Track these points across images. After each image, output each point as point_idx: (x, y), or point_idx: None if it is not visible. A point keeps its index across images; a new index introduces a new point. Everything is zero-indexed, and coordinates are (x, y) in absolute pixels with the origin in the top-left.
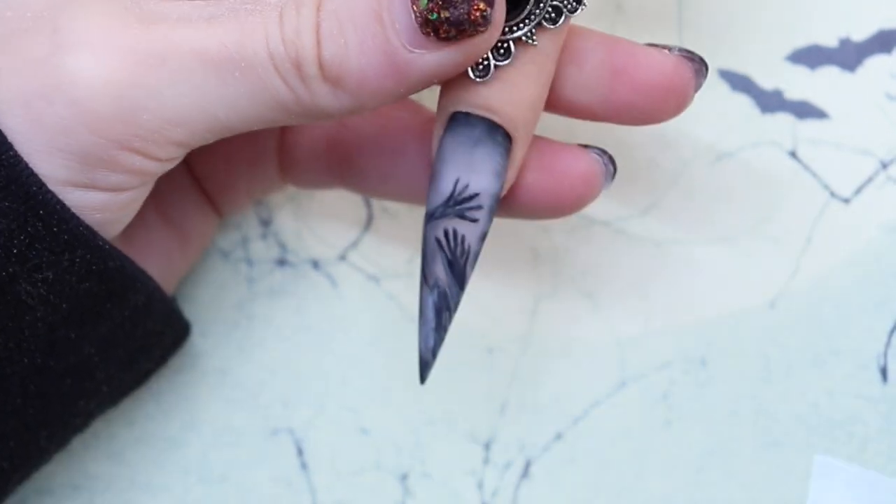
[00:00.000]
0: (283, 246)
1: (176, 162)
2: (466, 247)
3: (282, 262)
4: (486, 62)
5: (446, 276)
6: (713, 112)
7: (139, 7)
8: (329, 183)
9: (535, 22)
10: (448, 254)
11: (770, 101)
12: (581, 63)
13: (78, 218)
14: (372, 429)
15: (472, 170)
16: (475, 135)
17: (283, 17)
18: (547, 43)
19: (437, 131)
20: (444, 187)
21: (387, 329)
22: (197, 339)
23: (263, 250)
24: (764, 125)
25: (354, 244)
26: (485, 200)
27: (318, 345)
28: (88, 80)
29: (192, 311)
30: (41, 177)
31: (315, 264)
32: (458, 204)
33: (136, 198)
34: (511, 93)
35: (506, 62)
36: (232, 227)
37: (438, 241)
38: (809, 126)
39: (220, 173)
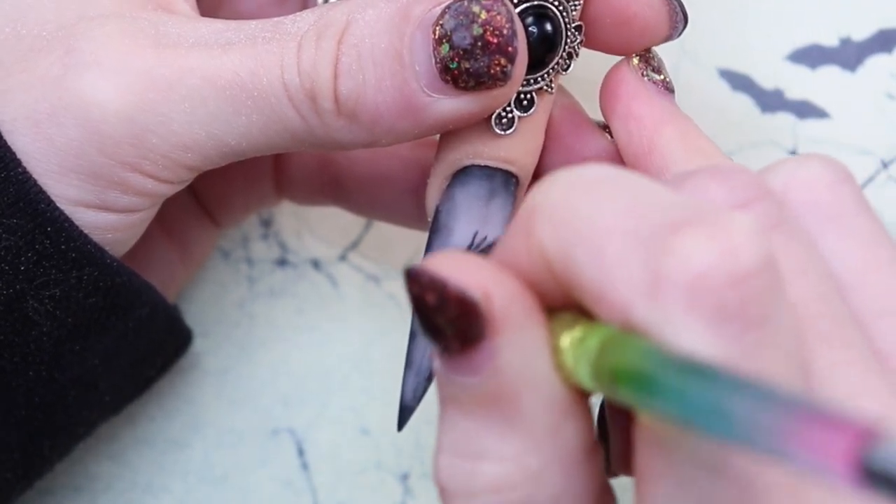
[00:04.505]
0: (283, 246)
1: (186, 184)
2: None
3: (282, 262)
4: (510, 115)
5: None
6: (713, 111)
7: (155, 29)
8: (322, 201)
9: (555, 71)
10: None
11: (770, 101)
12: None
13: (86, 235)
14: (372, 429)
15: (487, 222)
16: (492, 187)
17: (302, 47)
18: (556, 86)
19: (439, 182)
20: (460, 242)
21: (387, 329)
22: (198, 340)
23: (264, 250)
24: (764, 125)
25: (354, 244)
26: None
27: (318, 345)
28: (98, 102)
29: (193, 310)
30: (54, 197)
31: (315, 264)
32: None
33: (145, 218)
34: (528, 142)
35: (528, 114)
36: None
37: None
38: (810, 125)
39: (217, 189)
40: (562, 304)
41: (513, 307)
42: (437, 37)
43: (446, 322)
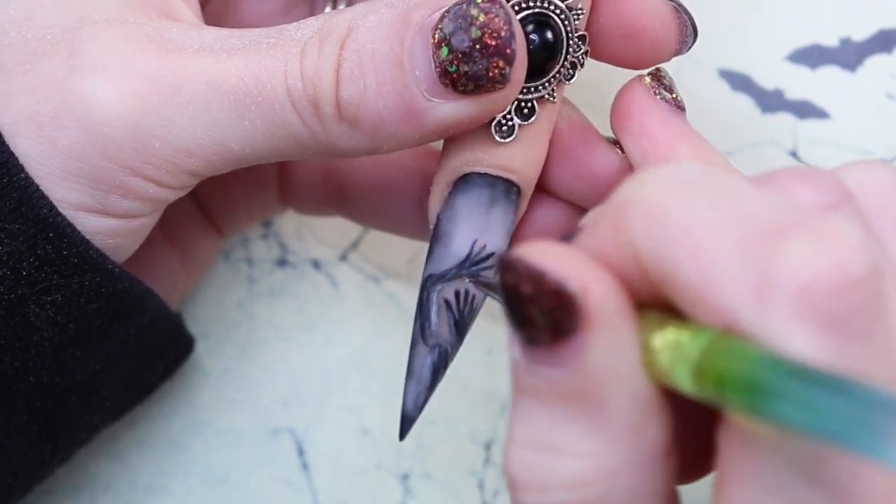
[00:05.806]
0: (283, 246)
1: (188, 190)
2: (475, 305)
3: (282, 263)
4: (510, 123)
5: (450, 335)
6: (714, 111)
7: (160, 34)
8: (326, 210)
9: (557, 80)
10: (456, 314)
11: (770, 101)
12: None
13: (88, 241)
14: (372, 429)
15: (487, 230)
16: (492, 195)
17: (305, 53)
18: (559, 96)
19: (441, 189)
20: (460, 249)
21: (387, 329)
22: (198, 340)
23: (264, 250)
24: (764, 125)
25: (355, 244)
26: (497, 258)
27: (318, 345)
28: (101, 105)
29: (193, 311)
30: (55, 201)
31: (315, 264)
32: (474, 265)
33: (147, 224)
34: (530, 151)
35: (529, 122)
36: (236, 235)
37: (448, 303)
38: (810, 125)
39: (221, 198)
40: (648, 300)
41: (608, 303)
42: (436, 41)
43: (540, 314)
